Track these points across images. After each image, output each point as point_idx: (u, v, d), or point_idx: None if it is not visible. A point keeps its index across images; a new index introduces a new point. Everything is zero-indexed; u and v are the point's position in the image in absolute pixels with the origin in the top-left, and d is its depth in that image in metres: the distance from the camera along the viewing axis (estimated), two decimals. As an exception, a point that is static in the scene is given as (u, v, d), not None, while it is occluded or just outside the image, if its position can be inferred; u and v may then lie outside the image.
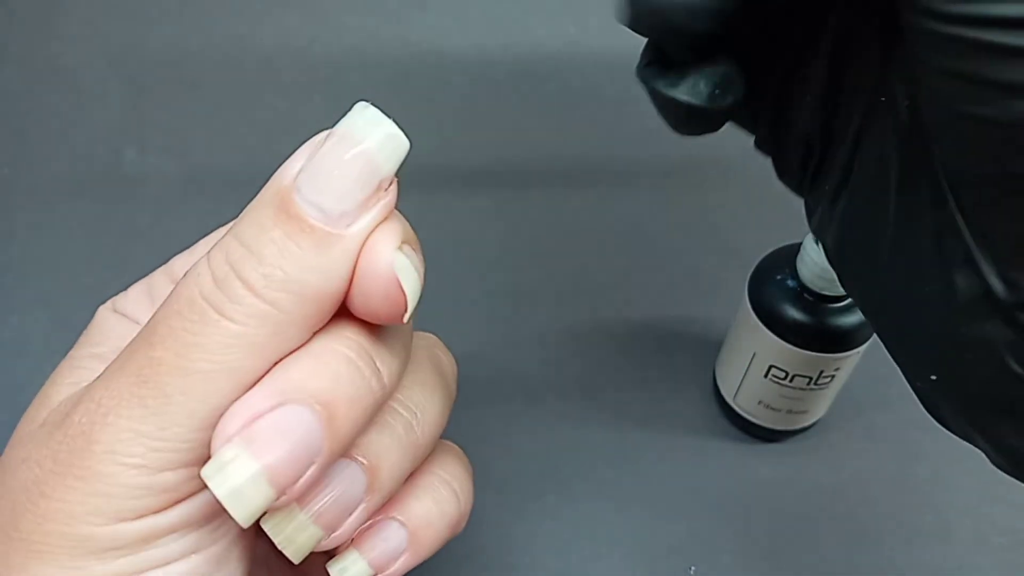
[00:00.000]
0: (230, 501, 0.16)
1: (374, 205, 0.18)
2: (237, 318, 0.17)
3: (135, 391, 0.17)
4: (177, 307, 0.17)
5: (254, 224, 0.17)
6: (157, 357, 0.17)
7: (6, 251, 0.40)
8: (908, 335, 0.17)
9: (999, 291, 0.14)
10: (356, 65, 0.46)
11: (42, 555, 0.17)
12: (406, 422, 0.21)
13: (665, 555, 0.33)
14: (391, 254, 0.18)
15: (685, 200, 0.42)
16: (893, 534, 0.33)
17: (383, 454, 0.20)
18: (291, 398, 0.17)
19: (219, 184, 0.42)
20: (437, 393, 0.22)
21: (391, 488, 0.20)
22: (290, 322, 0.17)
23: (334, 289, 0.17)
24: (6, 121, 0.44)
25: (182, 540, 0.18)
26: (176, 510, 0.17)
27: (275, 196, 0.18)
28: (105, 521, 0.17)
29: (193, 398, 0.17)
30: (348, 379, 0.18)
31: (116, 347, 0.21)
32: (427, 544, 0.22)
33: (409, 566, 0.21)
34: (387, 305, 0.18)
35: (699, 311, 0.39)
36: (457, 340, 0.37)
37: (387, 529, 0.21)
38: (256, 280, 0.17)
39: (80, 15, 0.48)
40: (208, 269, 0.17)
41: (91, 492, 0.17)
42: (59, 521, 0.17)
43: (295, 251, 0.17)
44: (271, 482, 0.17)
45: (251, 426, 0.17)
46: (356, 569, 0.21)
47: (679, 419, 0.36)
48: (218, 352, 0.17)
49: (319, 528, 0.19)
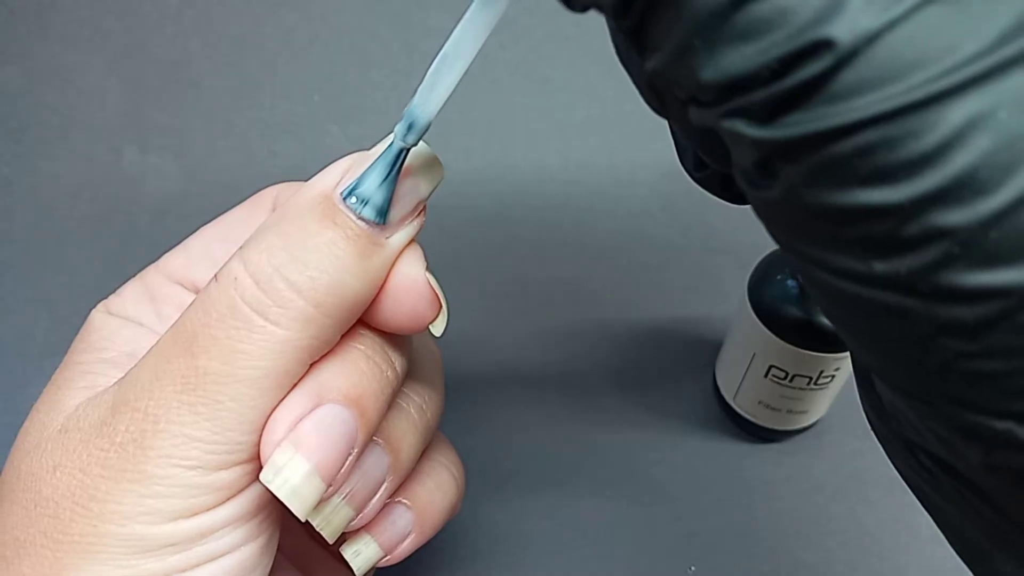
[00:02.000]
0: (292, 499, 0.18)
1: (412, 222, 0.19)
2: (283, 323, 0.18)
3: (183, 399, 0.18)
4: (217, 314, 0.18)
5: (297, 231, 0.18)
6: (202, 366, 0.18)
7: (6, 251, 0.40)
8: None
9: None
10: (356, 65, 0.46)
11: (97, 555, 0.18)
12: (417, 406, 0.22)
13: (665, 555, 0.33)
14: (424, 269, 0.20)
15: (685, 200, 0.42)
16: (893, 534, 0.33)
17: (401, 437, 0.22)
18: (326, 398, 0.19)
19: (219, 184, 0.42)
20: (436, 378, 0.24)
21: (408, 468, 0.22)
22: (331, 325, 0.18)
23: (369, 295, 0.19)
24: (6, 121, 0.44)
25: (232, 534, 0.19)
26: (227, 506, 0.19)
27: (317, 203, 0.18)
28: (161, 520, 0.18)
29: (243, 403, 0.18)
30: (370, 374, 0.20)
31: (124, 351, 0.21)
32: (431, 525, 0.23)
33: (415, 546, 0.23)
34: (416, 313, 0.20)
35: (699, 311, 0.39)
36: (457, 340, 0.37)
37: (396, 512, 0.22)
38: (303, 283, 0.18)
39: (80, 15, 0.48)
40: (247, 273, 0.18)
41: (147, 494, 0.18)
42: (114, 523, 0.18)
43: (340, 256, 0.18)
44: (323, 476, 0.18)
45: (296, 429, 0.18)
46: (369, 552, 0.22)
47: (679, 419, 0.36)
48: (266, 358, 0.18)
49: (351, 509, 0.20)
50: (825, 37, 0.11)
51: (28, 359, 0.36)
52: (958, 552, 0.16)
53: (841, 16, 0.11)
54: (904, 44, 0.11)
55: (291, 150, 0.43)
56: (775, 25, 0.11)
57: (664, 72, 0.13)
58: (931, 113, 0.11)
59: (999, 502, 0.14)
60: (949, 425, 0.13)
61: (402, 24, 0.48)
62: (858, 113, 0.11)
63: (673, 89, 0.13)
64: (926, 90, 0.11)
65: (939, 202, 0.11)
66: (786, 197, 0.12)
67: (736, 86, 0.12)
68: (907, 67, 0.11)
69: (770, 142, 0.12)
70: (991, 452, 0.13)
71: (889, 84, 0.11)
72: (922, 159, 0.11)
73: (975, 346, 0.12)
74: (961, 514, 0.15)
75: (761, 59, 0.11)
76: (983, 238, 0.11)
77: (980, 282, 0.11)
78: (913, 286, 0.12)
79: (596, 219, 0.41)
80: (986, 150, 0.11)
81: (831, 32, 0.11)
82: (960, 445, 0.13)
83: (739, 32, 0.11)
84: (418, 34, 0.47)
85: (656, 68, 0.13)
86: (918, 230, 0.11)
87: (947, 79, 0.10)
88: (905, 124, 0.11)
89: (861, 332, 0.13)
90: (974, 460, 0.13)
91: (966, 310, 0.11)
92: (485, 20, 0.17)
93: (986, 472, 0.13)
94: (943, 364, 0.12)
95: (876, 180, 0.11)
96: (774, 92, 0.11)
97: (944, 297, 0.11)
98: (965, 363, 0.12)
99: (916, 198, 0.11)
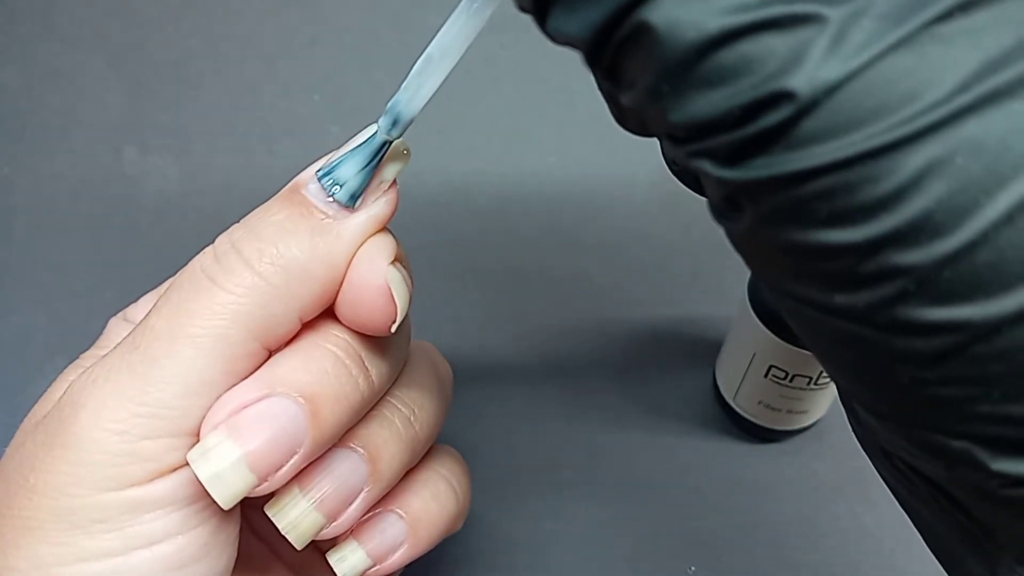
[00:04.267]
0: (212, 484, 0.17)
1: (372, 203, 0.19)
2: (227, 287, 0.18)
3: (125, 357, 0.18)
4: (179, 282, 0.19)
5: (262, 210, 0.19)
6: (151, 324, 0.18)
7: (6, 251, 0.40)
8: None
9: None
10: (356, 65, 0.46)
11: (33, 531, 0.18)
12: (404, 417, 0.22)
13: (665, 555, 0.33)
14: (384, 266, 0.19)
15: (685, 200, 0.42)
16: (893, 534, 0.33)
17: (382, 446, 0.21)
18: (277, 391, 0.18)
19: (219, 184, 0.42)
20: (434, 393, 0.23)
21: (390, 479, 0.21)
22: (276, 296, 0.18)
23: (322, 273, 0.19)
24: (6, 121, 0.44)
25: (167, 518, 0.18)
26: (159, 484, 0.18)
27: (286, 189, 0.19)
28: (89, 491, 0.17)
29: (178, 362, 0.18)
30: (335, 375, 0.19)
31: None
32: (425, 537, 0.22)
33: (408, 559, 0.22)
34: (375, 315, 0.19)
35: (699, 311, 0.39)
36: (457, 340, 0.37)
37: (385, 521, 0.22)
38: (251, 254, 0.18)
39: (80, 15, 0.48)
40: (212, 248, 0.19)
41: (75, 461, 0.17)
42: (47, 494, 0.18)
43: (291, 231, 0.18)
44: (252, 468, 0.18)
45: (237, 415, 0.18)
46: (354, 559, 0.21)
47: (679, 419, 0.36)
48: (206, 318, 0.18)
49: (321, 515, 0.20)
50: (785, 89, 0.11)
51: (28, 359, 0.36)
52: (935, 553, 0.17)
53: (802, 68, 0.11)
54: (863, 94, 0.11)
55: (291, 150, 0.43)
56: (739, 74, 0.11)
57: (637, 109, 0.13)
58: (889, 160, 0.11)
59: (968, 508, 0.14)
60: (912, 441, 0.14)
61: (402, 24, 0.48)
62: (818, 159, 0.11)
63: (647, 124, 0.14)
64: (884, 138, 0.11)
65: (895, 243, 0.11)
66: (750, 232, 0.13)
67: (703, 129, 0.12)
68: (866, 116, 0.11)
69: (734, 183, 0.12)
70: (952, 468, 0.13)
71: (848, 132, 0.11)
72: (879, 203, 0.11)
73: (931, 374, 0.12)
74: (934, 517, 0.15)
75: (725, 106, 0.12)
76: (937, 277, 0.11)
77: (934, 317, 0.11)
78: (871, 319, 0.12)
79: (596, 218, 0.41)
80: (942, 195, 0.11)
81: (791, 84, 0.11)
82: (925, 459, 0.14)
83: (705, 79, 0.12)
84: (418, 34, 0.47)
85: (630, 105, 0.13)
86: (875, 268, 0.12)
87: (905, 127, 0.11)
88: (863, 170, 0.11)
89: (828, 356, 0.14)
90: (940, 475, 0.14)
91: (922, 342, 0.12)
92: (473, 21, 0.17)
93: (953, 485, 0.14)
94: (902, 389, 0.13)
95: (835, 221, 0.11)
96: (738, 137, 0.12)
97: (900, 330, 0.12)
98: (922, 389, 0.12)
99: (873, 239, 0.11)
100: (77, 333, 0.23)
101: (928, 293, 0.11)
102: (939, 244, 0.11)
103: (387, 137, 0.18)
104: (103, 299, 0.24)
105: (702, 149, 0.12)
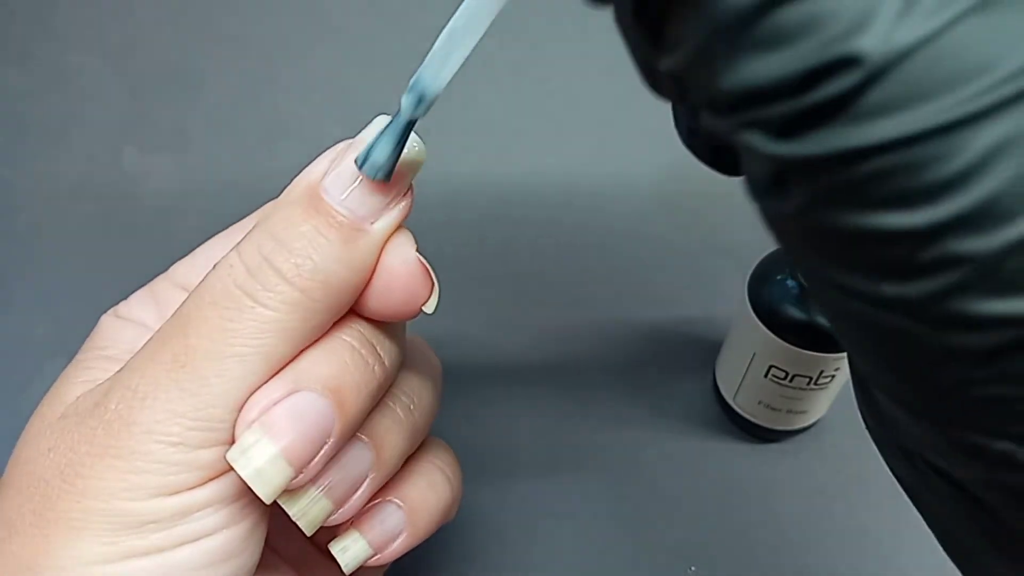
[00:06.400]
0: (254, 480, 0.18)
1: (396, 206, 0.19)
2: (271, 304, 0.18)
3: (171, 375, 0.18)
4: (211, 297, 0.19)
5: (284, 220, 0.19)
6: (192, 344, 0.18)
7: (6, 251, 0.40)
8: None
9: None
10: (356, 65, 0.46)
11: (81, 532, 0.18)
12: (404, 405, 0.22)
13: (665, 555, 0.33)
14: (413, 251, 0.20)
15: (685, 200, 0.42)
16: (894, 534, 0.33)
17: (385, 434, 0.21)
18: (303, 385, 0.19)
19: (219, 184, 0.42)
20: (429, 382, 0.24)
21: (393, 466, 0.22)
22: (318, 309, 0.19)
23: (357, 280, 0.19)
24: (6, 121, 0.44)
25: (214, 516, 0.19)
26: (209, 487, 0.19)
27: (303, 194, 0.19)
28: (143, 497, 0.18)
29: (228, 380, 0.18)
30: (354, 366, 0.20)
31: (126, 349, 0.22)
32: (423, 526, 0.23)
33: (407, 547, 0.23)
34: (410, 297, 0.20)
35: (699, 311, 0.39)
36: (457, 340, 0.37)
37: (385, 511, 0.23)
38: (289, 269, 0.18)
39: (80, 15, 0.48)
40: (240, 261, 0.19)
41: (130, 470, 0.18)
42: (98, 499, 0.18)
43: (324, 243, 0.18)
44: (289, 461, 0.18)
45: (268, 412, 0.18)
46: (356, 548, 0.22)
47: (679, 419, 0.36)
48: (252, 337, 0.18)
49: (329, 502, 0.20)
50: (854, 52, 0.10)
51: (28, 359, 0.36)
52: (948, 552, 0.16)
53: (872, 30, 0.10)
54: (935, 61, 0.10)
55: (291, 150, 0.43)
56: (804, 34, 0.10)
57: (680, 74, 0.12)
58: (958, 137, 0.10)
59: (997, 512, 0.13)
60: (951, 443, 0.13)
61: (402, 24, 0.48)
62: (883, 134, 0.10)
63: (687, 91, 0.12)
64: (955, 112, 0.10)
65: (957, 229, 0.10)
66: (798, 213, 0.12)
67: (756, 97, 0.11)
68: (936, 87, 0.10)
69: (787, 159, 0.11)
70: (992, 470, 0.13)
71: (916, 105, 0.10)
72: (944, 184, 0.10)
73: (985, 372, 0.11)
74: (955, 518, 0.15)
75: (785, 71, 0.10)
76: (1000, 266, 0.10)
77: (994, 310, 0.11)
78: (924, 311, 0.11)
79: (596, 219, 0.41)
80: (1011, 177, 0.10)
81: (862, 46, 0.10)
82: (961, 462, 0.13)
83: (764, 39, 0.11)
84: (418, 34, 0.47)
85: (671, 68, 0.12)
86: (934, 256, 0.11)
87: (977, 101, 0.10)
88: (930, 148, 0.10)
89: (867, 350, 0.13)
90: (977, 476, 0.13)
91: (978, 338, 0.11)
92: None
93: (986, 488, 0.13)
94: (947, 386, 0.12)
95: (894, 204, 0.11)
96: (796, 107, 0.11)
97: (956, 324, 0.11)
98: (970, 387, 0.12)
99: (934, 224, 0.10)
100: (77, 333, 0.23)
101: (988, 284, 0.11)
102: (1004, 231, 0.10)
103: (412, 116, 0.18)
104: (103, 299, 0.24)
105: (752, 120, 0.11)
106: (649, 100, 0.17)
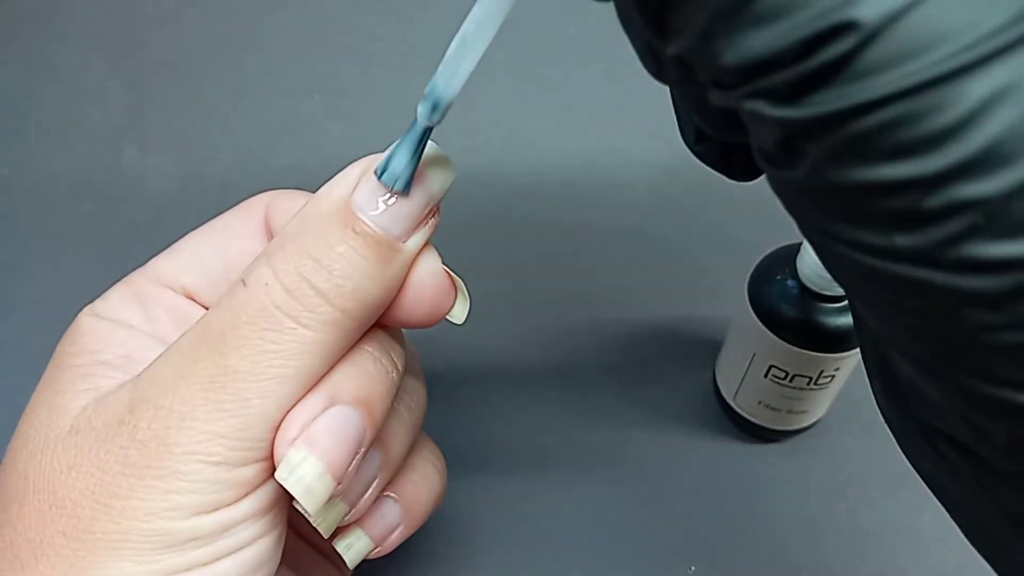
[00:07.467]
0: (306, 497, 0.19)
1: (427, 224, 0.20)
2: (312, 326, 0.19)
3: (208, 395, 0.18)
4: (247, 317, 0.19)
5: (320, 238, 0.19)
6: (232, 365, 0.18)
7: (6, 251, 0.40)
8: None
9: None
10: (356, 65, 0.46)
11: (121, 552, 0.18)
12: (407, 404, 0.23)
13: (665, 555, 0.33)
14: (439, 264, 0.21)
15: (685, 200, 0.42)
16: (894, 534, 0.33)
17: (391, 435, 0.22)
18: (338, 400, 0.19)
19: (219, 184, 0.42)
20: (420, 378, 0.25)
21: (397, 464, 0.23)
22: (353, 328, 0.19)
23: (389, 297, 0.20)
24: (6, 121, 0.44)
25: (251, 528, 0.19)
26: (246, 501, 0.19)
27: (336, 210, 0.19)
28: (185, 515, 0.18)
29: (269, 401, 0.19)
30: (378, 376, 0.20)
31: (119, 353, 0.21)
32: (418, 516, 0.24)
33: (403, 537, 0.24)
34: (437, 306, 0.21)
35: (699, 311, 0.39)
36: (457, 340, 0.37)
37: (384, 506, 0.23)
38: (330, 290, 0.19)
39: (80, 15, 0.48)
40: (277, 280, 0.19)
41: (171, 490, 0.18)
42: (139, 519, 0.18)
43: (362, 263, 0.19)
44: (333, 475, 0.19)
45: (310, 429, 0.19)
46: (360, 544, 0.23)
47: (679, 419, 0.36)
48: (294, 357, 0.19)
49: (346, 504, 0.21)
50: (849, 19, 0.11)
51: (28, 359, 0.36)
52: (974, 544, 0.16)
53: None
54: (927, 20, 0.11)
55: (291, 150, 0.43)
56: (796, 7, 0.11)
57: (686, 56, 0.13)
58: (955, 87, 0.11)
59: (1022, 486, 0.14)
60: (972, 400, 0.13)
61: (402, 24, 0.48)
62: (882, 89, 0.11)
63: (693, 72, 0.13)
64: (950, 64, 0.11)
65: (963, 174, 0.11)
66: (809, 175, 0.12)
67: (758, 68, 0.12)
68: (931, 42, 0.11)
69: (794, 122, 0.12)
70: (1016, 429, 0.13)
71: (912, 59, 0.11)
72: (946, 132, 0.11)
73: (999, 318, 0.12)
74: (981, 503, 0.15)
75: (784, 42, 0.11)
76: (1007, 208, 0.11)
77: (1004, 253, 0.11)
78: (936, 259, 0.12)
79: (595, 219, 0.41)
80: (1011, 121, 0.11)
81: (855, 13, 0.11)
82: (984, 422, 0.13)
83: (760, 16, 0.11)
84: (418, 34, 0.47)
85: (678, 53, 0.13)
86: (942, 203, 0.11)
87: (971, 52, 0.10)
88: (929, 98, 0.11)
89: (883, 307, 0.13)
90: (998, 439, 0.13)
91: (990, 281, 0.11)
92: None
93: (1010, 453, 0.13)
94: (966, 336, 0.12)
95: (900, 155, 0.11)
96: (797, 73, 0.11)
97: (967, 269, 0.11)
98: (989, 335, 0.12)
99: (940, 171, 0.11)
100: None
101: (997, 226, 0.11)
102: (1008, 173, 0.11)
103: (428, 123, 0.18)
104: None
105: (758, 89, 0.12)
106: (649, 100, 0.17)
